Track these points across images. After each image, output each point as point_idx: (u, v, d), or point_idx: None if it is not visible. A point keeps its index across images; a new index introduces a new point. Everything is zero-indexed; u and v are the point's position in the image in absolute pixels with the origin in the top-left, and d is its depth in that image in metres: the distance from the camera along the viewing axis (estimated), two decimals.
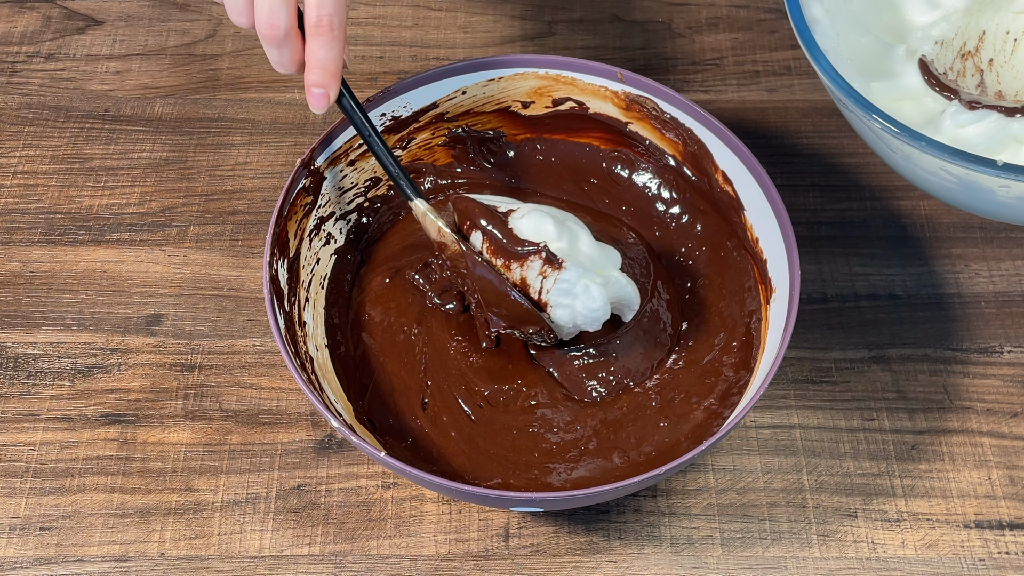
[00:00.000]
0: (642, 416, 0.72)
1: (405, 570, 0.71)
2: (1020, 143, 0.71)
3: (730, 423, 0.65)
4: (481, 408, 0.73)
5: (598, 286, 0.69)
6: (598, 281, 0.69)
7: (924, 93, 0.75)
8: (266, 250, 0.69)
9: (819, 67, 0.71)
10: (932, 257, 0.83)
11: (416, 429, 0.72)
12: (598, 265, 0.70)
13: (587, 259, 0.70)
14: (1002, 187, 0.66)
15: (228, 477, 0.74)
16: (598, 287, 0.69)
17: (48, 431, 0.76)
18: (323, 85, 0.65)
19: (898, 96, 0.76)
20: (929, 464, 0.75)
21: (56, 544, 0.72)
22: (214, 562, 0.71)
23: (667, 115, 0.77)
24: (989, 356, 0.79)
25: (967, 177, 0.67)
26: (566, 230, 0.70)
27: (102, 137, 0.90)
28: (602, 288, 0.69)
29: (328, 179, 0.76)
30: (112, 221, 0.85)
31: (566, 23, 0.98)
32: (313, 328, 0.73)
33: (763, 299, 0.73)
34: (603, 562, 0.71)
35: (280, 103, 0.92)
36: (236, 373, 0.78)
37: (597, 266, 0.70)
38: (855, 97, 0.69)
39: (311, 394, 0.64)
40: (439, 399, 0.73)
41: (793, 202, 0.85)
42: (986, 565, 0.71)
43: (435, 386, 0.73)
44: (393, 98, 0.76)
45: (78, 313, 0.81)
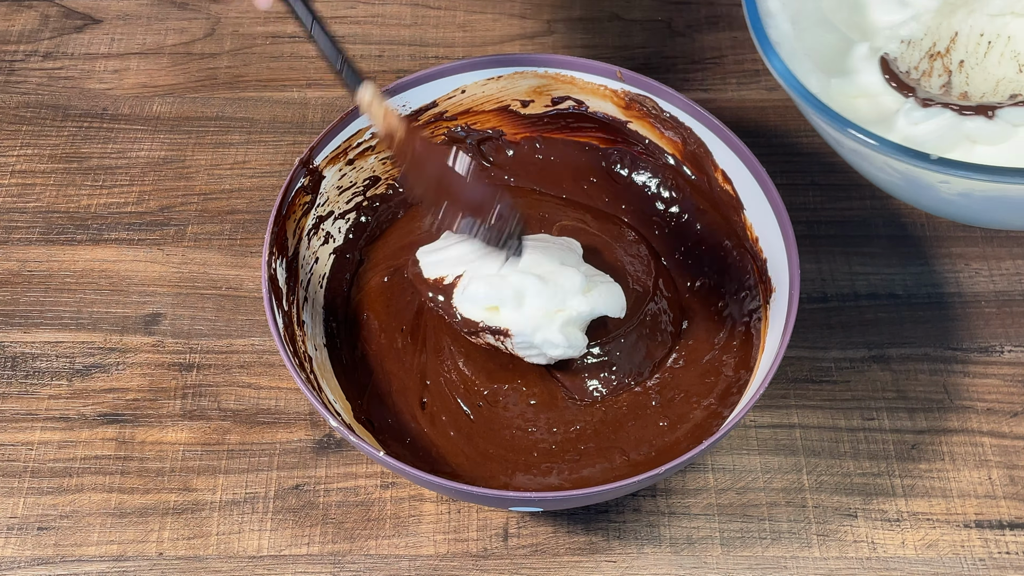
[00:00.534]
0: (642, 415, 0.72)
1: (404, 570, 0.71)
2: (972, 142, 0.70)
3: (730, 422, 0.64)
4: (480, 408, 0.72)
5: (557, 329, 0.69)
6: (556, 325, 0.69)
7: (882, 91, 0.75)
8: (265, 249, 0.69)
9: (768, 60, 0.70)
10: (932, 256, 0.83)
11: (415, 429, 0.72)
12: (554, 305, 0.69)
13: (538, 310, 0.69)
14: (942, 183, 0.66)
15: (226, 477, 0.74)
16: (557, 330, 0.69)
17: (46, 431, 0.76)
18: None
19: (856, 93, 0.75)
20: (929, 464, 0.75)
21: (54, 544, 0.71)
22: (213, 562, 0.71)
23: (667, 114, 0.77)
24: (989, 355, 0.79)
25: (909, 173, 0.67)
26: (507, 293, 0.68)
27: (100, 136, 0.90)
28: (562, 328, 0.69)
29: (327, 178, 0.75)
30: (110, 220, 0.85)
31: (565, 22, 0.97)
32: (312, 328, 0.73)
33: (763, 298, 0.73)
34: (602, 562, 0.71)
35: (279, 102, 0.92)
36: (234, 373, 0.78)
37: (553, 307, 0.69)
38: (802, 92, 0.68)
39: (310, 394, 0.64)
40: (438, 399, 0.73)
41: (793, 201, 0.85)
42: (987, 565, 0.71)
43: (434, 386, 0.73)
44: (392, 97, 0.76)
45: (76, 312, 0.81)
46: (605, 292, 0.70)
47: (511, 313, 0.69)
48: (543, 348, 0.69)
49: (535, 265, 0.70)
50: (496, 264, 0.69)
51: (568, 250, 0.73)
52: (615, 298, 0.71)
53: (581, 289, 0.69)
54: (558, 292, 0.69)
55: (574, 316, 0.69)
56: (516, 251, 0.68)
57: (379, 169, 0.79)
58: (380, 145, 0.73)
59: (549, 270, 0.69)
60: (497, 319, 0.69)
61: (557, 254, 0.71)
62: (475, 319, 0.69)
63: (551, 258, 0.70)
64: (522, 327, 0.69)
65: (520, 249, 0.68)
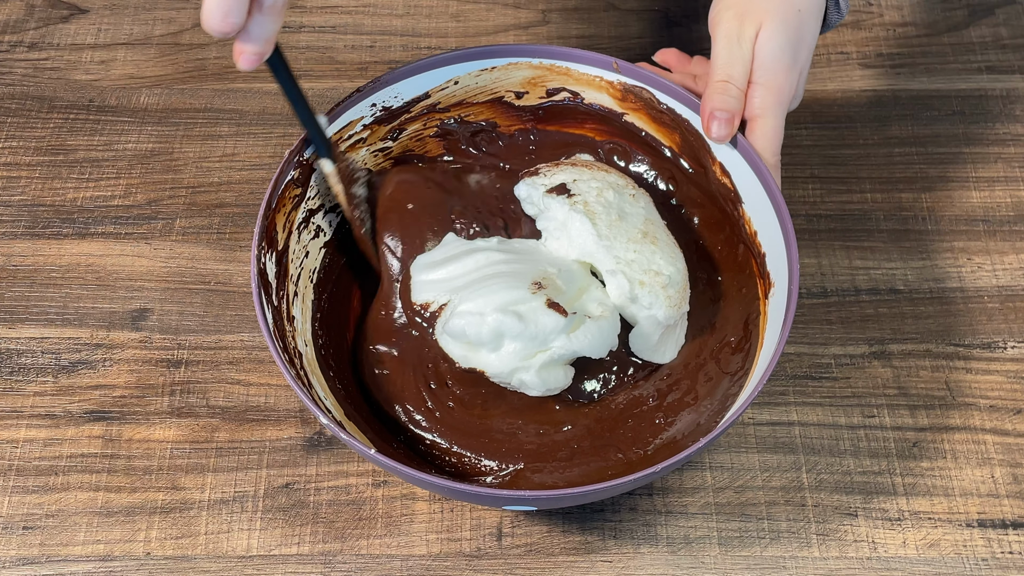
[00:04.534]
0: (638, 413, 0.71)
1: (396, 570, 0.70)
2: None
3: (728, 420, 0.63)
4: (477, 405, 0.71)
5: (534, 373, 0.67)
6: (534, 368, 0.67)
7: None
8: (254, 243, 0.68)
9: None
10: (934, 250, 0.82)
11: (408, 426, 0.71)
12: (534, 347, 0.67)
13: (514, 354, 0.67)
14: None
15: (215, 475, 0.73)
16: (534, 373, 0.67)
17: (31, 428, 0.75)
18: (261, 53, 0.63)
19: None
20: (931, 462, 0.74)
21: (40, 544, 0.71)
22: (201, 562, 0.70)
23: (664, 105, 0.76)
24: (992, 352, 0.78)
25: None
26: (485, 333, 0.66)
27: (86, 128, 0.89)
28: (540, 371, 0.67)
29: (318, 171, 0.74)
30: (97, 214, 0.84)
31: (560, 11, 0.97)
32: (302, 323, 0.72)
33: (761, 293, 0.72)
34: (598, 562, 0.70)
35: (268, 93, 0.91)
36: (223, 369, 0.77)
37: (533, 349, 0.67)
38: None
39: (300, 390, 0.63)
40: (433, 397, 0.72)
41: (792, 194, 0.84)
42: (989, 565, 0.70)
43: (429, 383, 0.72)
44: (384, 88, 0.75)
45: (62, 308, 0.80)
46: (592, 331, 0.68)
47: (488, 355, 0.68)
48: (520, 388, 0.69)
49: (518, 299, 0.67)
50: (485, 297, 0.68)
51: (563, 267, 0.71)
52: (601, 338, 0.68)
53: (564, 330, 0.67)
54: (539, 334, 0.67)
55: (555, 358, 0.68)
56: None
57: (370, 161, 0.78)
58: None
59: (532, 307, 0.67)
60: (475, 359, 0.68)
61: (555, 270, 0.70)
62: (453, 355, 0.69)
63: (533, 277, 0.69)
64: (498, 369, 0.68)
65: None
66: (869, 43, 0.94)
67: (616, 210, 0.72)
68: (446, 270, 0.71)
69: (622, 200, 0.73)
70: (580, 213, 0.71)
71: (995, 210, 0.85)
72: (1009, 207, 0.85)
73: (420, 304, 0.71)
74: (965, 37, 0.95)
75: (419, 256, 0.73)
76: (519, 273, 0.69)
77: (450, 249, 0.73)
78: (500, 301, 0.67)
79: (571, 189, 0.72)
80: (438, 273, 0.71)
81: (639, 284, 0.69)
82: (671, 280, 0.70)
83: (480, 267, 0.70)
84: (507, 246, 0.73)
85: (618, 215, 0.71)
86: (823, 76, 0.92)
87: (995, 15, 0.96)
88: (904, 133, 0.89)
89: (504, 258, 0.70)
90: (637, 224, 0.72)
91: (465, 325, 0.67)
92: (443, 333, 0.69)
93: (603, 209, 0.71)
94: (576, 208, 0.71)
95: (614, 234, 0.70)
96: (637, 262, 0.70)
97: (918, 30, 0.95)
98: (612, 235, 0.70)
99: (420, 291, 0.72)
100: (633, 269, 0.70)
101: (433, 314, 0.71)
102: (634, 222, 0.72)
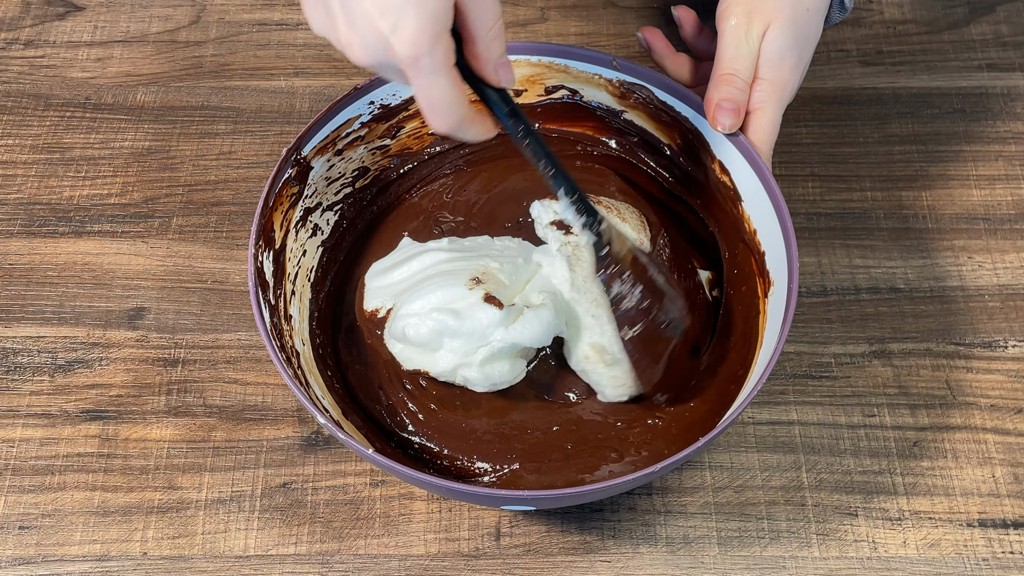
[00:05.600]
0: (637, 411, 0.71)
1: (394, 570, 0.69)
2: None
3: (727, 419, 0.63)
4: (475, 404, 0.71)
5: (476, 368, 0.67)
6: (475, 363, 0.67)
7: None
8: (251, 242, 0.68)
9: None
10: (934, 249, 0.82)
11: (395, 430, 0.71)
12: (474, 343, 0.67)
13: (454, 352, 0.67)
14: None
15: (212, 475, 0.73)
16: (476, 369, 0.67)
17: (27, 428, 0.74)
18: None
19: None
20: (931, 461, 0.73)
21: (36, 543, 0.70)
22: (198, 562, 0.70)
23: (663, 103, 0.75)
24: (993, 351, 0.78)
25: None
26: (424, 334, 0.67)
27: (83, 126, 0.88)
28: (483, 365, 0.67)
29: (315, 169, 0.74)
30: (93, 212, 0.84)
31: (559, 9, 0.96)
32: (299, 322, 0.71)
33: (761, 292, 0.72)
34: (597, 562, 0.70)
35: (266, 91, 0.90)
36: (220, 368, 0.77)
37: (473, 345, 0.67)
38: None
39: (297, 390, 0.63)
40: (431, 396, 0.71)
41: (792, 193, 0.84)
42: (990, 565, 0.70)
43: (426, 382, 0.72)
44: (382, 86, 0.75)
45: (58, 306, 0.79)
46: (530, 321, 0.67)
47: (431, 355, 0.68)
48: (465, 384, 0.69)
49: (455, 296, 0.67)
50: (423, 297, 0.68)
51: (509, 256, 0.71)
52: (541, 327, 0.67)
53: (502, 323, 0.67)
54: (476, 329, 0.66)
55: (495, 351, 0.67)
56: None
57: (368, 160, 0.78)
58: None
59: (469, 303, 0.67)
60: (419, 360, 0.69)
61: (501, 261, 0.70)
62: (399, 357, 0.69)
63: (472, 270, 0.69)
64: (441, 368, 0.68)
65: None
66: (869, 40, 0.94)
67: None
68: (393, 275, 0.71)
69: None
70: (564, 257, 0.70)
71: (996, 208, 0.84)
72: (1010, 205, 0.84)
73: (369, 311, 0.71)
74: (966, 34, 0.94)
75: (373, 265, 0.73)
76: (459, 271, 0.69)
77: (401, 254, 0.73)
78: (437, 301, 0.67)
79: (573, 228, 0.71)
80: (386, 279, 0.71)
81: (584, 358, 0.69)
82: (616, 359, 0.68)
83: (425, 268, 0.70)
84: (457, 244, 0.72)
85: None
86: (823, 74, 0.92)
87: (996, 12, 0.96)
88: (904, 131, 0.88)
89: (448, 257, 0.70)
90: None
91: (405, 327, 0.67)
92: (388, 337, 0.70)
93: (590, 258, 0.70)
94: (563, 251, 0.70)
95: (586, 288, 0.69)
96: (591, 329, 0.68)
97: (919, 27, 0.95)
98: (584, 288, 0.69)
99: (370, 298, 0.72)
100: (583, 337, 0.69)
101: (381, 320, 0.71)
102: None
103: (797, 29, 0.70)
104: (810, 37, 0.72)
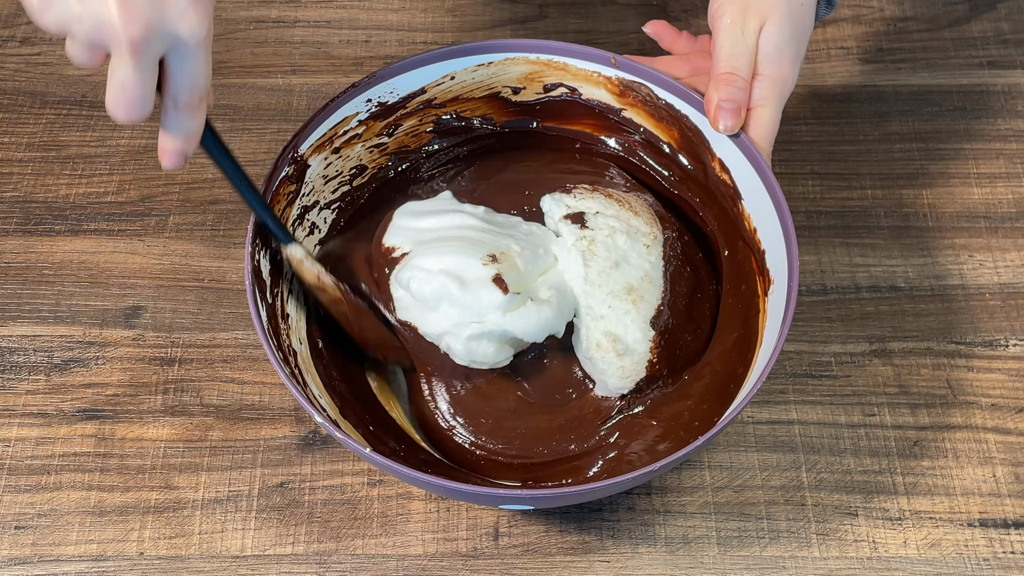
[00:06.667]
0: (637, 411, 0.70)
1: (392, 570, 0.69)
2: None
3: (727, 418, 0.63)
4: (473, 403, 0.71)
5: (461, 342, 0.67)
6: (462, 337, 0.67)
7: None
8: (248, 241, 0.67)
9: None
10: (935, 247, 0.82)
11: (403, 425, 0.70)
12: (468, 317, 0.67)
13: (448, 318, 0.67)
14: None
15: (209, 474, 0.72)
16: (461, 343, 0.67)
17: (23, 427, 0.74)
18: (182, 152, 0.60)
19: None
20: (932, 461, 0.73)
21: (32, 543, 0.70)
22: (194, 562, 0.69)
23: (662, 101, 0.75)
24: (994, 349, 0.77)
25: None
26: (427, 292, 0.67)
27: (79, 124, 0.88)
28: (468, 342, 0.67)
29: (312, 167, 0.74)
30: (90, 210, 0.83)
31: (557, 6, 0.96)
32: (296, 321, 0.71)
33: (761, 291, 0.72)
34: (596, 562, 0.70)
35: (263, 88, 0.90)
36: (217, 367, 0.77)
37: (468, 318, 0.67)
38: None
39: (295, 389, 0.62)
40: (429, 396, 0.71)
41: (792, 191, 0.84)
42: (991, 565, 0.69)
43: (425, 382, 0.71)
44: (379, 84, 0.74)
45: (54, 305, 0.79)
46: (529, 315, 0.67)
47: (425, 312, 0.68)
48: (446, 351, 0.68)
49: (467, 266, 0.67)
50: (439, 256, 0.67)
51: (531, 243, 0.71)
52: (538, 323, 0.67)
53: (501, 307, 0.66)
54: (474, 304, 0.66)
55: (485, 332, 0.67)
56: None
57: (366, 158, 0.77)
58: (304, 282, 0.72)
59: (478, 277, 0.67)
60: (413, 312, 0.69)
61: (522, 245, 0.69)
62: (397, 302, 0.69)
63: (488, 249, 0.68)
64: (430, 328, 0.68)
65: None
66: (870, 38, 0.94)
67: (616, 257, 0.70)
68: (423, 221, 0.71)
69: (631, 248, 0.70)
70: (579, 252, 0.70)
71: (997, 206, 0.84)
72: (1011, 203, 0.84)
73: (387, 246, 0.71)
74: (966, 32, 0.94)
75: (408, 203, 0.73)
76: (482, 242, 0.69)
77: (438, 204, 0.72)
78: (449, 264, 0.67)
79: (587, 222, 0.71)
80: (415, 222, 0.71)
81: (596, 346, 0.68)
82: (628, 349, 0.68)
83: (452, 227, 0.70)
84: (490, 215, 0.72)
85: (615, 263, 0.69)
86: (823, 71, 0.91)
87: (997, 10, 0.95)
88: (905, 129, 0.88)
89: (477, 224, 0.70)
90: (631, 278, 0.69)
91: (411, 278, 0.67)
92: (394, 280, 0.69)
93: (605, 252, 0.70)
94: (579, 245, 0.70)
95: (601, 281, 0.69)
96: (606, 319, 0.68)
97: (919, 25, 0.95)
98: (598, 282, 0.69)
99: (393, 234, 0.71)
100: (598, 326, 0.68)
101: (394, 259, 0.70)
102: (628, 275, 0.70)
103: (793, 24, 0.70)
104: (805, 31, 0.72)
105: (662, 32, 0.80)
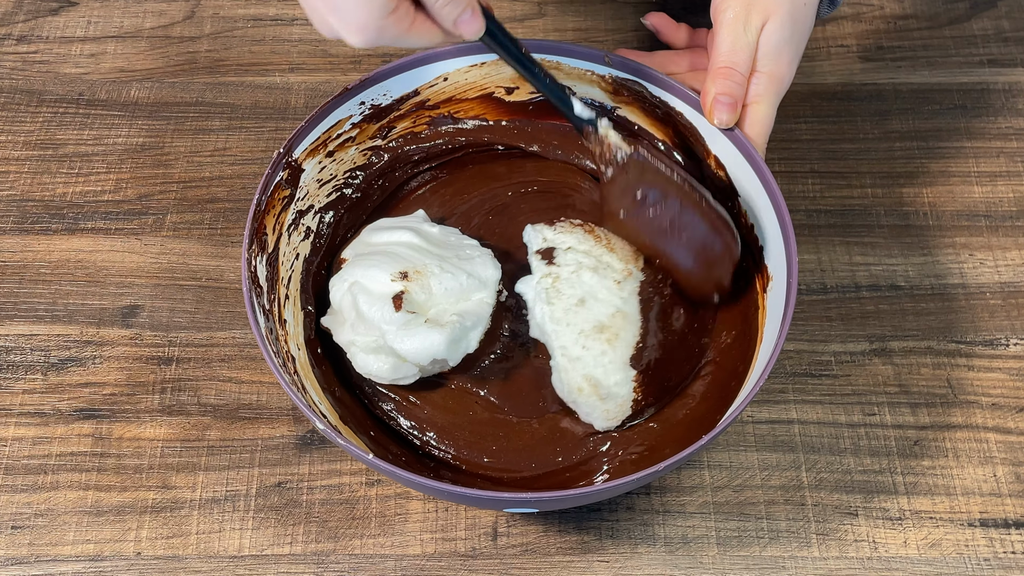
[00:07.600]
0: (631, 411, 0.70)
1: (390, 570, 0.69)
2: None
3: (726, 418, 0.63)
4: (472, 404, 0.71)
5: (358, 353, 0.68)
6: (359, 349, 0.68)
7: None
8: (244, 247, 0.67)
9: None
10: (935, 246, 0.81)
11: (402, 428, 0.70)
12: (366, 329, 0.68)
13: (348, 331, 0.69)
14: None
15: (207, 474, 0.72)
16: (358, 354, 0.69)
17: (20, 426, 0.74)
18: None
19: None
20: (932, 460, 0.73)
21: (28, 543, 0.70)
22: (192, 562, 0.69)
23: (657, 98, 0.75)
24: (995, 349, 0.77)
25: None
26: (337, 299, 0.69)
27: (76, 122, 0.88)
28: (362, 354, 0.68)
29: (307, 171, 0.73)
30: (86, 209, 0.83)
31: (556, 4, 0.95)
32: (294, 327, 0.71)
33: (759, 287, 0.71)
34: (595, 562, 0.69)
35: (260, 87, 0.90)
36: (215, 366, 0.76)
37: (365, 330, 0.68)
38: None
39: (295, 395, 0.62)
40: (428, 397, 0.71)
41: (791, 189, 0.84)
42: (991, 565, 0.69)
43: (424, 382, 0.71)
44: (372, 86, 0.74)
45: (51, 304, 0.79)
46: (417, 336, 0.66)
47: (338, 322, 0.70)
48: (352, 361, 0.69)
49: (374, 279, 0.68)
50: (361, 268, 0.69)
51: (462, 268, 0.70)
52: (423, 347, 0.66)
53: (394, 324, 0.67)
54: (368, 318, 0.67)
55: (382, 346, 0.67)
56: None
57: (359, 161, 0.77)
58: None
59: (380, 292, 0.68)
60: (334, 320, 0.70)
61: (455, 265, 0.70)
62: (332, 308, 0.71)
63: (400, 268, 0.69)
64: (339, 338, 0.70)
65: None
66: (870, 36, 0.93)
67: (582, 293, 0.68)
68: (377, 236, 0.72)
69: (599, 284, 0.69)
70: (543, 289, 0.69)
71: (997, 205, 0.84)
72: (1011, 202, 0.84)
73: (342, 257, 0.73)
74: (967, 30, 0.94)
75: (381, 219, 0.75)
76: (405, 259, 0.69)
77: (401, 221, 0.74)
78: (360, 276, 0.69)
79: (556, 258, 0.70)
80: (371, 237, 0.73)
81: (577, 390, 0.67)
82: (611, 394, 0.67)
83: (390, 243, 0.71)
84: (425, 235, 0.71)
85: (580, 300, 0.68)
86: (823, 69, 0.91)
87: (997, 8, 0.95)
88: (905, 127, 0.88)
89: (414, 243, 0.70)
90: (599, 315, 0.68)
91: (331, 286, 0.70)
92: (332, 287, 0.72)
93: (569, 290, 0.68)
94: (543, 283, 0.69)
95: (568, 320, 0.67)
96: (583, 360, 0.67)
97: (919, 23, 0.94)
98: (566, 320, 0.67)
99: (351, 247, 0.73)
100: (576, 368, 0.67)
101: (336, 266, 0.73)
102: (596, 312, 0.68)
103: (795, 23, 0.70)
104: (806, 31, 0.72)
105: (661, 24, 0.80)
